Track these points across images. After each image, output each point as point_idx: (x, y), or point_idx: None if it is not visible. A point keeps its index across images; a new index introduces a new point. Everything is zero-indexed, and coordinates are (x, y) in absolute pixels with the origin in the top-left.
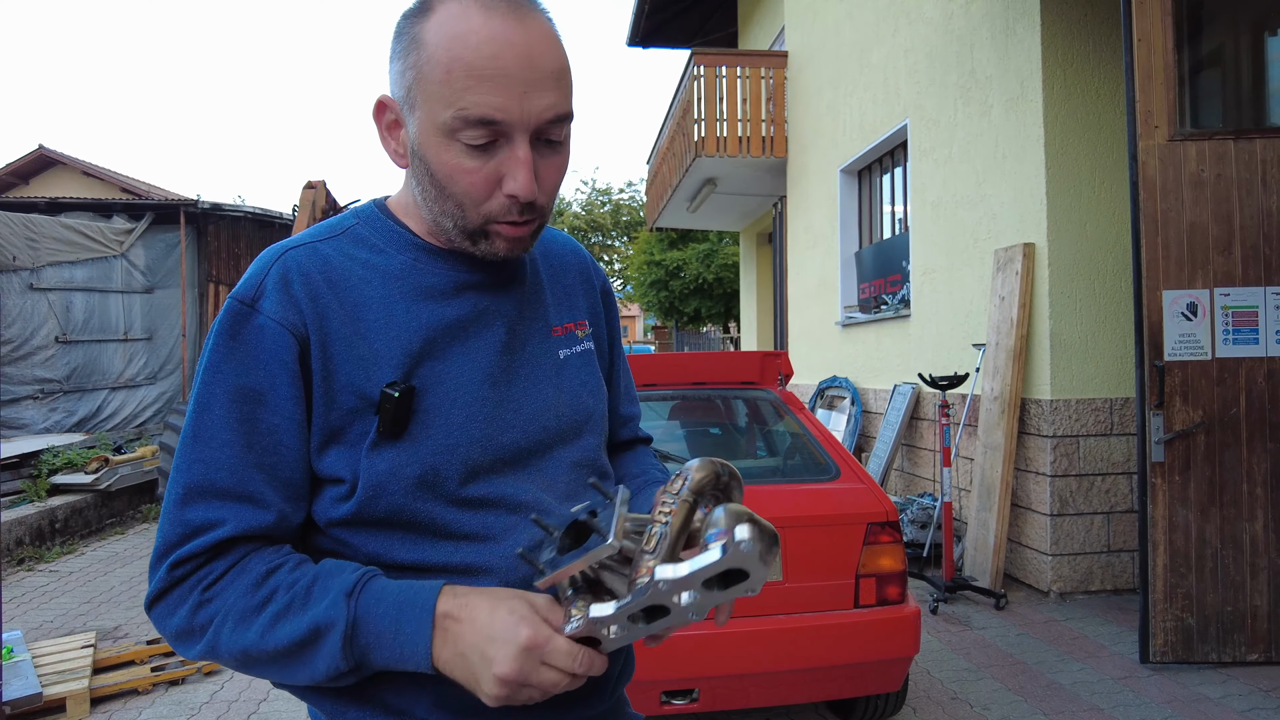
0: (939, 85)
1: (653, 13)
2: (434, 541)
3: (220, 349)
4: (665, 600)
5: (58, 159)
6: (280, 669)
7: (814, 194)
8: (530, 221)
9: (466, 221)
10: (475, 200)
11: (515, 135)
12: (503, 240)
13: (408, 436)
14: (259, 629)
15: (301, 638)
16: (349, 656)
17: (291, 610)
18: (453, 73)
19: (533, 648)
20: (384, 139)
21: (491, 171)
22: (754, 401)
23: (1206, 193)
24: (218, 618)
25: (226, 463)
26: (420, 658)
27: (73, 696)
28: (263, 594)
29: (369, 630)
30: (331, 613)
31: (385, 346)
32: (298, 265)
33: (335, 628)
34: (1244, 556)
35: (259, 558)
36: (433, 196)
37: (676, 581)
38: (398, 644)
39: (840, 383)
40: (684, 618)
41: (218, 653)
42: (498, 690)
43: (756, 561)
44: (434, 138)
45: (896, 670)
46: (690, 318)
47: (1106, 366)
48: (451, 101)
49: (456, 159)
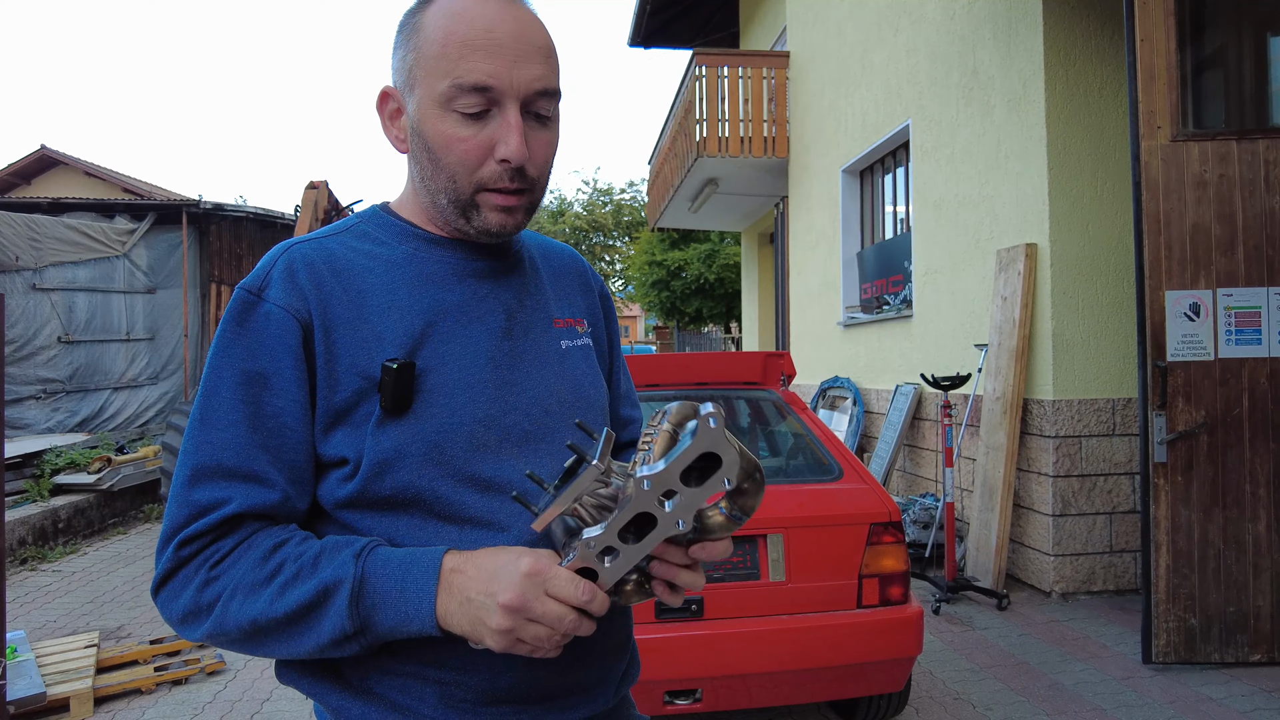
0: (941, 85)
1: (654, 13)
2: (441, 525)
3: (227, 335)
4: (650, 505)
5: (60, 159)
6: (287, 638)
7: (816, 194)
8: (521, 193)
9: (459, 193)
10: (468, 167)
11: (506, 103)
12: (494, 211)
13: (412, 415)
14: (268, 598)
15: (310, 599)
16: (355, 616)
17: (300, 577)
18: (449, 45)
19: (534, 574)
20: (386, 127)
21: (485, 139)
22: (756, 402)
23: (1209, 193)
24: (225, 593)
25: (232, 444)
26: (425, 616)
27: (76, 696)
28: (271, 566)
29: (375, 589)
30: (340, 572)
31: (388, 328)
32: (303, 256)
33: (343, 585)
34: (1247, 557)
35: (266, 534)
36: (429, 173)
37: (656, 475)
38: (403, 603)
39: (842, 383)
40: (671, 525)
41: (225, 627)
42: (502, 620)
43: (724, 441)
44: (431, 110)
45: (899, 671)
46: (692, 318)
47: (1109, 367)
48: (448, 71)
49: (452, 128)
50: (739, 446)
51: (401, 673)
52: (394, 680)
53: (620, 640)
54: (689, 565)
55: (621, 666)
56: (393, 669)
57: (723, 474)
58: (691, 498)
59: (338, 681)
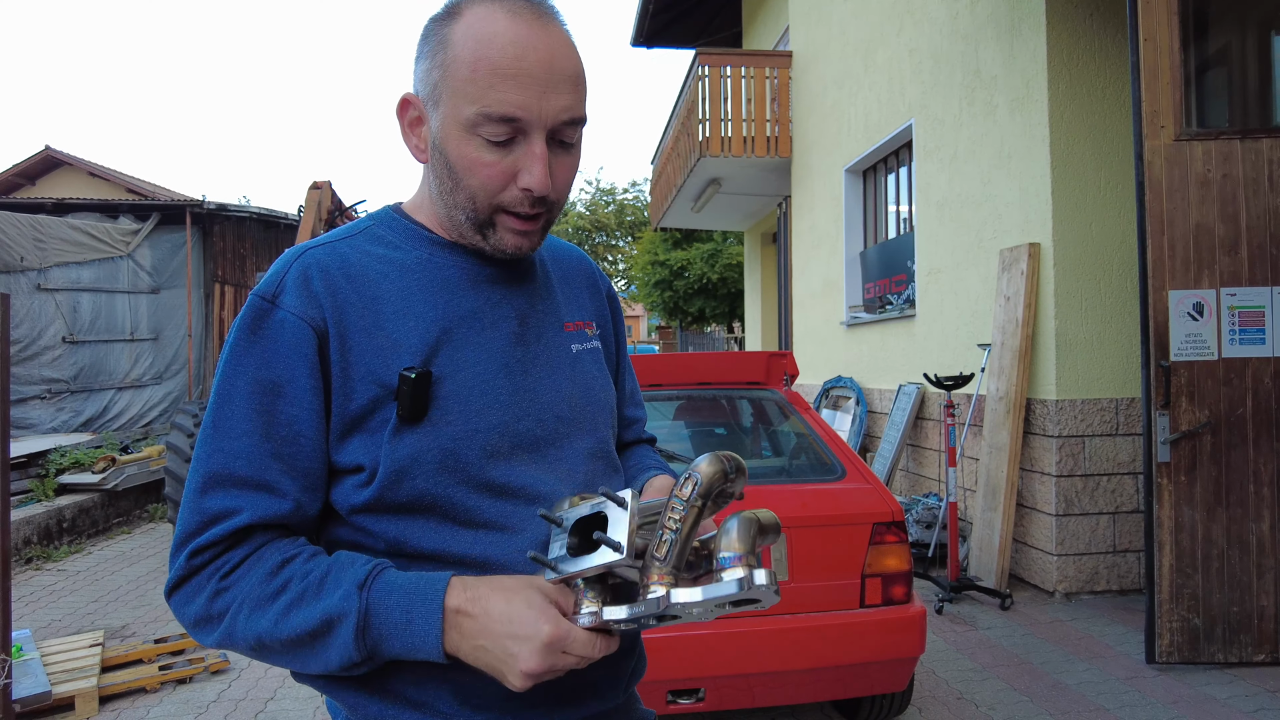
0: (944, 85)
1: (657, 13)
2: (455, 529)
3: (241, 343)
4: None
5: (64, 160)
6: (293, 657)
7: (819, 194)
8: (538, 217)
9: (478, 212)
10: (490, 192)
11: (533, 133)
12: (510, 234)
13: (428, 422)
14: (273, 617)
15: (314, 628)
16: (361, 647)
17: (305, 600)
18: (478, 71)
19: (554, 643)
20: (405, 134)
21: (508, 166)
22: (759, 402)
23: (1213, 192)
24: (234, 605)
25: (245, 452)
26: (431, 648)
27: (81, 695)
28: (277, 583)
29: (380, 622)
30: (344, 605)
31: (403, 335)
32: (317, 263)
33: (347, 619)
34: (1250, 557)
35: (274, 547)
36: (449, 189)
37: (690, 604)
38: (409, 635)
39: (845, 383)
40: (693, 618)
41: (234, 639)
42: (524, 683)
43: (769, 594)
44: (456, 132)
45: (902, 670)
46: (694, 318)
47: (1112, 367)
48: (476, 98)
49: (476, 153)
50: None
51: (417, 670)
52: (410, 677)
53: (629, 640)
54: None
55: (630, 664)
56: (409, 666)
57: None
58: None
59: (353, 678)
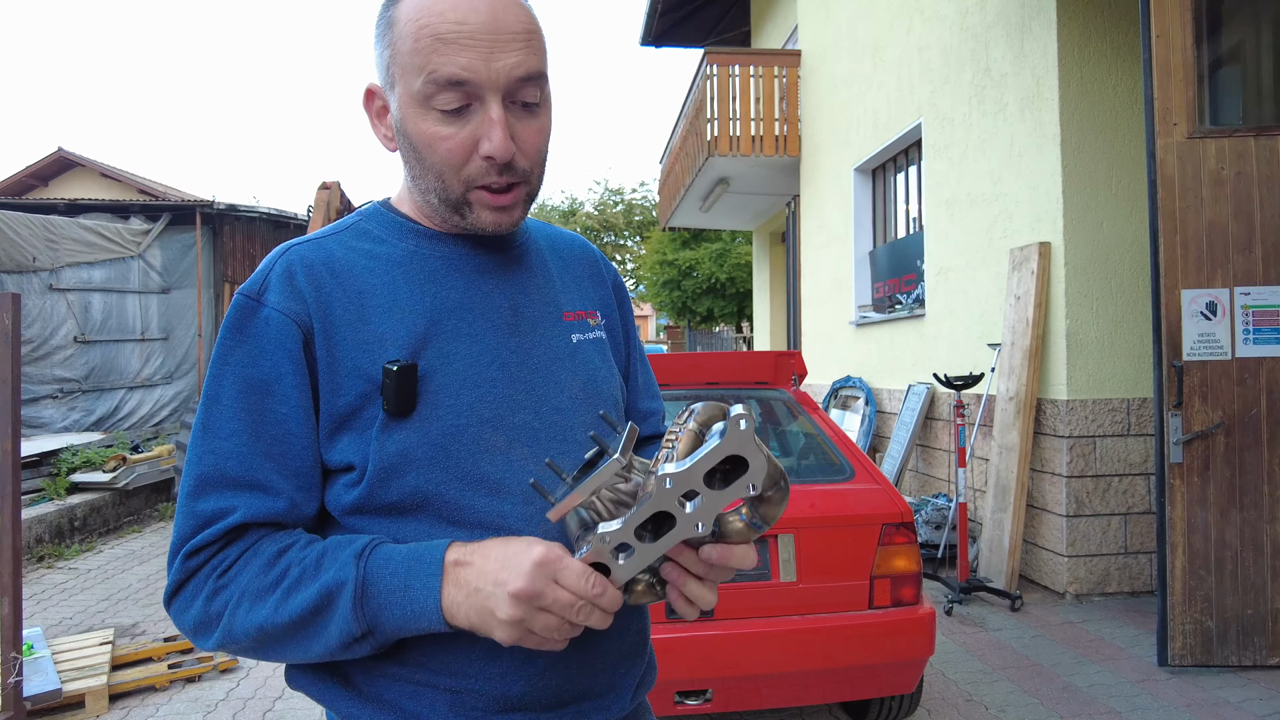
0: (953, 83)
1: (665, 12)
2: (450, 529)
3: (227, 342)
4: (670, 504)
5: (76, 161)
6: (295, 643)
7: (827, 193)
8: (513, 187)
9: (448, 192)
10: (454, 166)
11: (486, 96)
12: (486, 210)
13: (416, 417)
14: (273, 604)
15: (314, 604)
16: (360, 617)
17: (303, 581)
18: (420, 40)
19: (545, 563)
20: (374, 126)
21: (467, 136)
22: (768, 402)
23: (1226, 191)
24: (232, 601)
25: (235, 452)
26: (431, 612)
27: (91, 693)
28: (276, 572)
29: (379, 589)
30: (341, 574)
31: (390, 329)
32: (301, 258)
33: (345, 588)
34: (1265, 559)
35: (271, 540)
36: (418, 173)
37: (679, 475)
38: (408, 600)
39: (854, 383)
40: (691, 527)
41: (234, 636)
42: (512, 610)
43: (753, 445)
44: (412, 109)
45: (911, 672)
46: (703, 317)
47: (1124, 366)
48: (421, 67)
49: (433, 126)
50: (767, 453)
51: (412, 680)
52: (404, 687)
53: (635, 645)
54: (701, 577)
55: (638, 671)
56: (403, 676)
57: (748, 479)
58: (714, 500)
59: (347, 688)
